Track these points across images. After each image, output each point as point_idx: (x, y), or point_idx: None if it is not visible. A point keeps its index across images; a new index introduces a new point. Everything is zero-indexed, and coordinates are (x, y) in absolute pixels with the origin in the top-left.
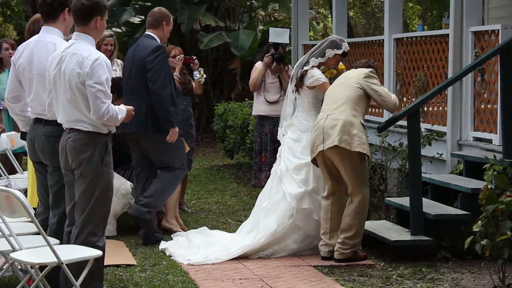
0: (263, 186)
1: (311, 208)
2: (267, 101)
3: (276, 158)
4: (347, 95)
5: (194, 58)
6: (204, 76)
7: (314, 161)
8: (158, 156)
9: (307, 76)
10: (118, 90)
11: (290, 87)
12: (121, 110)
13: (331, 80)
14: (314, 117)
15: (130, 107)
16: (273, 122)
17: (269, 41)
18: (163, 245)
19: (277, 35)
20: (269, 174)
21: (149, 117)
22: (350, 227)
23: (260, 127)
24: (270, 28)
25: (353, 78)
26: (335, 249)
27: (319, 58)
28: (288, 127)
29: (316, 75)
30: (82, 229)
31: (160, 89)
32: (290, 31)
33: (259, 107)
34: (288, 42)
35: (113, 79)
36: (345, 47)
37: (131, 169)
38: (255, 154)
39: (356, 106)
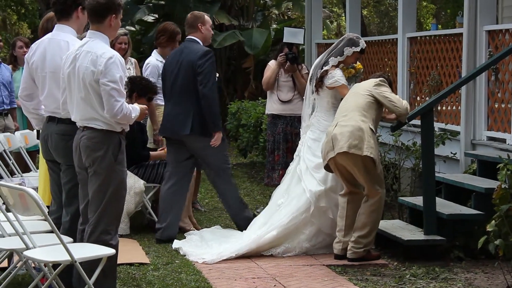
0: (276, 185)
1: (327, 206)
2: (280, 100)
3: (288, 157)
4: (355, 103)
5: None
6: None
7: (327, 167)
8: (205, 158)
9: (327, 76)
10: (140, 90)
11: (309, 87)
12: (135, 109)
13: (349, 79)
14: (333, 117)
15: (144, 106)
16: (286, 121)
17: (284, 41)
18: (176, 244)
19: (292, 35)
20: (282, 173)
21: (196, 120)
22: (364, 226)
23: (273, 126)
24: (284, 28)
25: (364, 87)
26: (348, 248)
27: (338, 57)
28: (307, 128)
29: (336, 76)
30: (95, 227)
31: (210, 92)
32: (304, 31)
33: (272, 106)
34: (302, 43)
35: (134, 78)
36: (363, 44)
37: (145, 167)
38: (268, 153)
39: (365, 113)
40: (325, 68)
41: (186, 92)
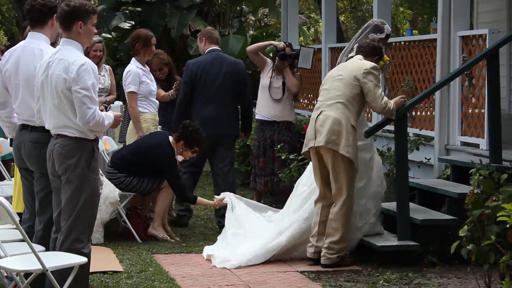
0: (260, 191)
1: None
2: (272, 97)
3: (274, 164)
4: (343, 93)
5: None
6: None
7: (307, 153)
8: (227, 156)
9: None
10: (189, 141)
11: None
12: (108, 116)
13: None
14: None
15: (119, 114)
16: (274, 128)
17: (298, 66)
18: (207, 251)
19: (305, 60)
20: (266, 180)
21: (233, 120)
22: (335, 231)
23: (260, 132)
24: (301, 47)
25: (352, 70)
26: (322, 254)
27: None
28: None
29: None
30: (67, 236)
31: (250, 98)
32: (314, 50)
33: (260, 109)
34: (310, 67)
35: (188, 126)
36: (388, 29)
37: (131, 178)
38: (253, 157)
39: (350, 106)
40: (350, 54)
41: (230, 96)
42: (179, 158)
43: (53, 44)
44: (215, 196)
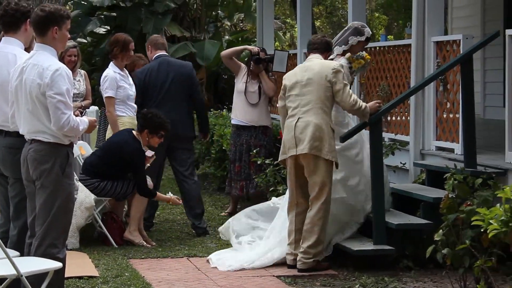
0: (235, 196)
1: (343, 196)
2: (248, 101)
3: (251, 169)
4: (317, 97)
5: None
6: None
7: (283, 161)
8: (186, 159)
9: None
10: (152, 127)
11: None
12: (83, 121)
13: (358, 70)
14: (335, 106)
15: (93, 118)
16: (250, 133)
17: (273, 69)
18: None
19: (280, 63)
20: (243, 184)
21: (189, 123)
22: (311, 235)
23: (236, 136)
24: (275, 51)
25: (320, 72)
26: (298, 259)
27: (343, 46)
28: None
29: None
30: (42, 241)
31: (202, 100)
32: (288, 53)
33: (236, 114)
34: (285, 71)
35: (147, 114)
36: (368, 32)
37: (105, 182)
38: (229, 162)
39: (326, 108)
40: (330, 57)
41: (180, 98)
42: (149, 153)
43: (27, 49)
44: (169, 193)
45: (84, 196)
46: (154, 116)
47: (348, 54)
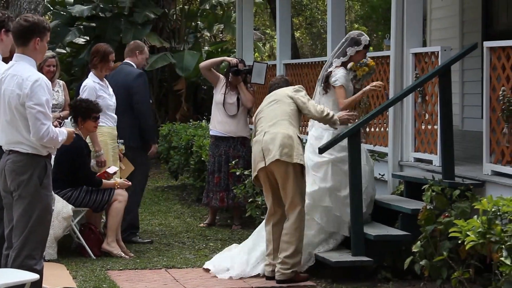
0: (214, 206)
1: (331, 206)
2: (226, 113)
3: (230, 180)
4: (282, 111)
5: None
6: None
7: (256, 180)
8: (137, 169)
9: (332, 75)
10: (83, 113)
11: (318, 88)
12: (62, 132)
13: (364, 77)
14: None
15: (72, 130)
16: (229, 143)
17: (252, 81)
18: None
19: (258, 75)
20: (222, 195)
21: (132, 133)
22: (289, 245)
23: (215, 148)
24: (254, 63)
25: (284, 94)
26: (276, 270)
27: (341, 57)
28: (311, 127)
29: (337, 75)
30: (19, 252)
31: (146, 109)
32: (267, 65)
33: (215, 125)
34: (263, 83)
35: (74, 103)
36: (365, 41)
37: (79, 191)
38: (208, 173)
39: (292, 121)
40: (329, 69)
41: (123, 109)
42: (111, 169)
43: (6, 59)
44: (115, 178)
45: (61, 206)
46: (81, 102)
47: (351, 64)
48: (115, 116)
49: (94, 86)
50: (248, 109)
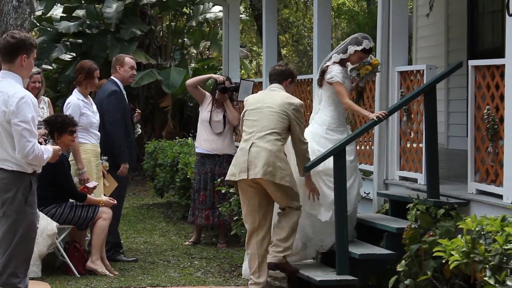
0: (200, 224)
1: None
2: (213, 130)
3: (215, 198)
4: (275, 123)
5: (137, 110)
6: (139, 132)
7: (232, 182)
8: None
9: (327, 71)
10: (58, 128)
11: (315, 81)
12: (47, 150)
13: (368, 76)
14: (332, 113)
15: (57, 147)
16: (214, 161)
17: (239, 98)
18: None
19: (245, 91)
20: (208, 213)
21: (106, 150)
22: (282, 229)
23: (200, 165)
24: (241, 80)
25: (281, 105)
26: (269, 252)
27: (341, 54)
28: (311, 120)
29: (333, 72)
30: (3, 270)
31: (113, 128)
32: (254, 83)
33: (201, 143)
34: None
35: (49, 118)
36: (366, 44)
37: (63, 207)
38: (193, 191)
39: (281, 137)
40: (327, 63)
41: (101, 125)
42: (91, 184)
43: None
44: (102, 195)
45: (45, 223)
46: (56, 117)
47: (350, 65)
48: (99, 134)
49: (78, 103)
50: (234, 127)
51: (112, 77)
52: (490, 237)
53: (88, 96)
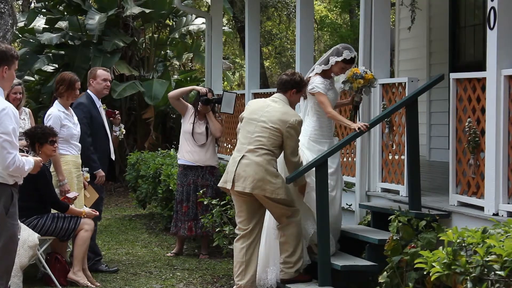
0: (183, 236)
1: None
2: (195, 142)
3: (198, 209)
4: (266, 141)
5: (117, 113)
6: (124, 132)
7: (225, 188)
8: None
9: (309, 82)
10: (38, 138)
11: None
12: (28, 161)
13: (362, 90)
14: (314, 123)
15: (38, 158)
16: (197, 172)
17: (221, 110)
18: None
19: (227, 105)
20: (191, 225)
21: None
22: (288, 246)
23: (183, 177)
24: (224, 92)
25: (275, 122)
26: (280, 270)
27: (323, 65)
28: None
29: (314, 83)
30: None
31: (81, 140)
32: (236, 95)
33: (183, 154)
34: (232, 113)
35: (29, 130)
36: (347, 54)
37: (44, 219)
38: (176, 202)
39: (272, 153)
40: (310, 74)
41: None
42: (71, 194)
43: None
44: (85, 205)
45: (27, 234)
46: (36, 128)
47: (348, 72)
48: (79, 145)
49: (58, 115)
50: (217, 138)
51: (87, 90)
52: (471, 249)
53: (69, 107)
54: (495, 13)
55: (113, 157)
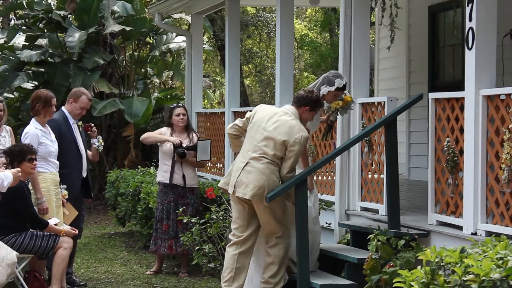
0: (163, 254)
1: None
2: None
3: (178, 227)
4: (271, 152)
5: (92, 125)
6: (102, 143)
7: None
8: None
9: None
10: (17, 156)
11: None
12: (7, 176)
13: (338, 110)
14: None
15: (16, 170)
16: (177, 191)
17: (198, 159)
18: None
19: (203, 152)
20: (171, 243)
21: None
22: (273, 266)
23: (163, 195)
24: (198, 141)
25: (286, 138)
26: None
27: None
28: None
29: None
30: None
31: (66, 154)
32: (211, 141)
33: (162, 174)
34: (209, 158)
35: (7, 149)
36: (339, 83)
37: (23, 237)
38: (156, 220)
39: (275, 163)
40: None
41: None
42: (53, 221)
43: None
44: (64, 223)
45: (5, 252)
46: (14, 147)
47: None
48: (57, 162)
49: (36, 133)
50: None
51: (63, 107)
52: (449, 268)
53: (46, 125)
54: (473, 33)
55: (84, 174)
